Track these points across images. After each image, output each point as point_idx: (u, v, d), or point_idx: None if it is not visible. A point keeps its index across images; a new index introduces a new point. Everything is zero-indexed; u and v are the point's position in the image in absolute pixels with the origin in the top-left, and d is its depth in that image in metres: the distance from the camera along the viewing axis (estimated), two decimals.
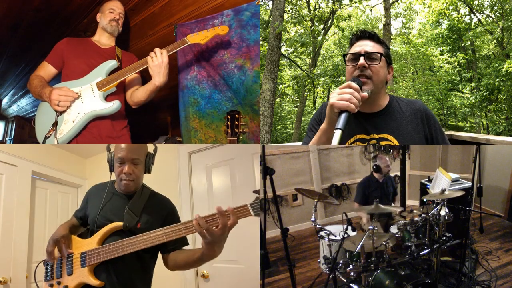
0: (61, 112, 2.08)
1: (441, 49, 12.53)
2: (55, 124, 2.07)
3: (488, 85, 10.34)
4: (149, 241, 1.35)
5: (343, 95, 1.26)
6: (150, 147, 1.63)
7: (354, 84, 1.29)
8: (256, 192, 1.36)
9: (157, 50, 2.04)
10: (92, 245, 1.42)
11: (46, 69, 2.30)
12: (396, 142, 1.46)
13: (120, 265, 1.40)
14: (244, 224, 2.34)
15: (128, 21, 2.79)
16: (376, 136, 1.48)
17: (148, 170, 1.60)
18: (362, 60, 1.41)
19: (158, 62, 2.02)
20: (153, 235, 1.35)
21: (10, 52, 3.77)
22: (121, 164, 1.50)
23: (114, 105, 2.11)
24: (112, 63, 2.19)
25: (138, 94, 2.29)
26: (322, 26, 11.07)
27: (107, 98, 2.15)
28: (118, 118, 2.32)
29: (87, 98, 2.10)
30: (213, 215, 1.29)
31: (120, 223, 1.43)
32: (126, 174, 1.49)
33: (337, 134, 1.19)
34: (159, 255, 1.55)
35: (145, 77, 2.45)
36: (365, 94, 1.31)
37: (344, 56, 1.50)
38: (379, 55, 1.44)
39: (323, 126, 1.38)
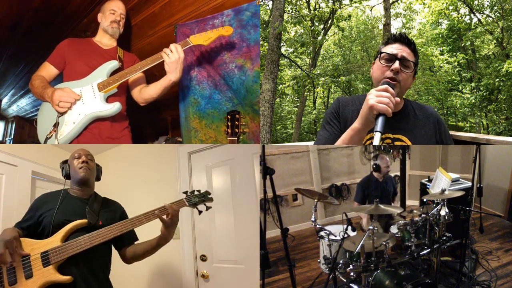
0: (62, 113, 2.08)
1: (441, 49, 12.52)
2: (56, 125, 2.07)
3: (488, 85, 10.33)
4: (117, 230, 1.48)
5: (383, 99, 1.26)
6: None
7: (391, 89, 1.29)
8: (185, 192, 1.72)
9: (172, 46, 2.03)
10: (55, 243, 1.40)
11: (48, 70, 2.30)
12: (409, 143, 1.50)
13: (90, 255, 1.45)
14: (244, 224, 2.35)
15: (129, 20, 2.78)
16: (391, 136, 1.51)
17: (97, 177, 1.76)
18: (397, 64, 1.43)
19: (175, 58, 2.02)
20: (120, 225, 1.50)
21: (10, 52, 3.76)
22: (78, 158, 1.68)
23: (114, 107, 2.11)
24: (113, 64, 2.19)
25: (150, 91, 2.27)
26: (322, 26, 11.07)
27: (108, 99, 2.15)
28: (119, 119, 2.32)
29: (88, 99, 2.10)
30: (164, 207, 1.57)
31: (84, 220, 1.51)
32: (84, 162, 1.67)
33: (378, 136, 1.22)
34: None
35: (147, 76, 2.45)
36: (398, 99, 1.32)
37: (379, 52, 1.51)
38: (412, 63, 1.47)
39: (356, 125, 1.36)
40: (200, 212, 1.71)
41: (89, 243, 1.40)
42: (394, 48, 1.48)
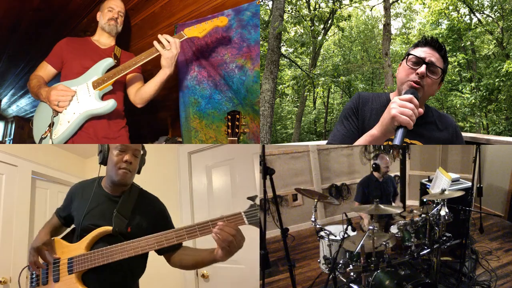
0: (58, 112, 2.05)
1: None
2: (51, 125, 2.05)
3: (488, 85, 10.33)
4: (139, 248, 1.28)
5: (406, 110, 1.19)
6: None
7: (416, 100, 1.22)
8: (251, 198, 1.30)
9: (170, 39, 1.99)
10: (80, 250, 1.36)
11: (46, 69, 2.29)
12: None
13: (113, 270, 1.34)
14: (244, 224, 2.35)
15: (129, 20, 2.78)
16: (408, 141, 1.48)
17: (139, 170, 1.54)
18: (423, 68, 1.38)
19: (174, 53, 2.01)
20: (150, 240, 1.29)
21: (9, 52, 3.77)
22: (122, 152, 1.43)
23: (109, 104, 2.06)
24: (108, 62, 2.15)
25: (148, 89, 2.24)
26: (322, 26, 11.07)
27: (104, 97, 2.12)
28: (116, 118, 2.29)
29: (82, 97, 2.07)
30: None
31: (109, 228, 1.36)
32: (126, 162, 1.41)
33: None
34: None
35: (145, 76, 2.45)
36: (421, 110, 1.26)
37: (407, 54, 1.46)
38: (440, 70, 1.42)
39: (375, 133, 1.31)
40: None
41: (109, 257, 1.29)
42: (423, 52, 1.42)
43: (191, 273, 2.53)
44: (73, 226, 1.52)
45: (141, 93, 2.29)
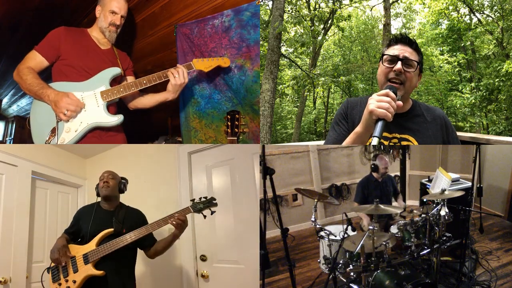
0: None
1: (441, 49, 12.52)
2: (54, 130, 2.02)
3: (488, 85, 10.33)
4: (134, 236, 1.85)
5: (382, 103, 1.30)
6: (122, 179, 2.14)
7: (392, 93, 1.32)
8: (192, 200, 1.92)
9: (180, 70, 2.15)
10: (91, 247, 1.85)
11: (37, 61, 2.13)
12: (416, 144, 1.56)
13: (115, 256, 1.83)
14: (244, 224, 2.36)
15: (133, 18, 2.76)
16: (398, 135, 1.55)
17: (120, 190, 2.10)
18: (399, 64, 1.46)
19: (180, 82, 2.16)
20: (137, 232, 1.87)
21: (10, 52, 3.77)
22: (102, 180, 2.06)
23: (118, 120, 2.14)
24: (116, 71, 2.17)
25: (145, 102, 2.38)
26: (322, 26, 11.07)
27: (109, 107, 2.15)
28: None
29: (90, 107, 2.07)
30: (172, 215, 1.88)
31: (111, 229, 1.90)
32: (104, 182, 2.04)
33: (375, 141, 1.27)
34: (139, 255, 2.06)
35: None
36: (400, 103, 1.36)
37: (382, 55, 1.54)
38: (415, 63, 1.50)
39: (358, 129, 1.41)
40: (205, 216, 1.93)
41: (114, 246, 1.83)
42: (396, 50, 1.51)
43: (191, 273, 2.54)
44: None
45: (137, 103, 2.42)
